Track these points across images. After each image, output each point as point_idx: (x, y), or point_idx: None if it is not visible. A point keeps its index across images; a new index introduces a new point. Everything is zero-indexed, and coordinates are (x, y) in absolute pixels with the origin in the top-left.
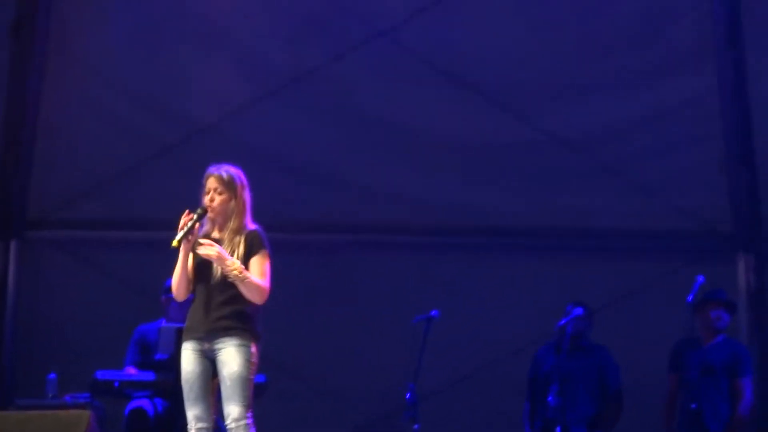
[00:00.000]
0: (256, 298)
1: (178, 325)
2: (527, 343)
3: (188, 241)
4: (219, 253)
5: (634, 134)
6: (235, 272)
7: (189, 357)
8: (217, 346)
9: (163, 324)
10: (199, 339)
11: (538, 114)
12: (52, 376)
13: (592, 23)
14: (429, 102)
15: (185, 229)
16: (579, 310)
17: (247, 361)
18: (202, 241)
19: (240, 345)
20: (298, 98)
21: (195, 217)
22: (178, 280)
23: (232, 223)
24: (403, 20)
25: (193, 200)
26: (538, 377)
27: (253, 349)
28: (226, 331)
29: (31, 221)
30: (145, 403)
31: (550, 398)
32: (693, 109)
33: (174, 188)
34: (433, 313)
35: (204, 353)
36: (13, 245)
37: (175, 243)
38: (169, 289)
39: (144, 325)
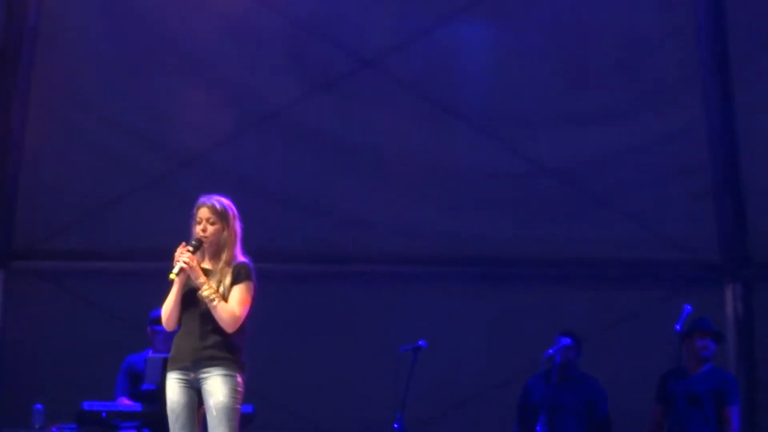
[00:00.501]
0: (227, 325)
1: (164, 356)
2: (515, 373)
3: (184, 272)
4: (195, 267)
5: (620, 164)
6: (207, 292)
7: (174, 387)
8: (202, 376)
9: (150, 354)
10: (184, 369)
11: (526, 143)
12: (39, 406)
13: (580, 53)
14: (415, 130)
15: (181, 261)
16: (567, 340)
17: (233, 390)
18: (181, 249)
19: (226, 375)
20: (282, 128)
21: (191, 249)
22: (170, 311)
23: (223, 254)
24: (389, 50)
25: (179, 230)
26: (527, 405)
27: (239, 378)
28: (212, 361)
29: (16, 252)
30: None
31: (538, 428)
32: (679, 138)
33: (159, 219)
34: (420, 342)
35: (189, 383)
36: None
37: (172, 275)
38: (155, 321)
39: (133, 355)
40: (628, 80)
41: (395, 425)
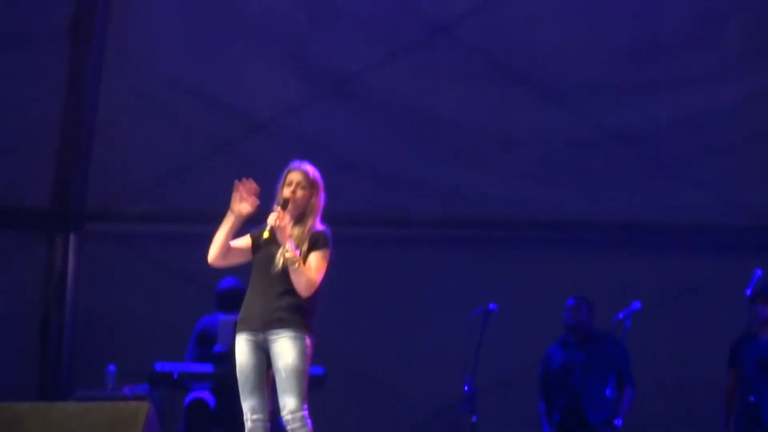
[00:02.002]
0: (303, 289)
1: (237, 318)
2: None
3: (281, 229)
4: (285, 226)
5: (691, 131)
6: (290, 254)
7: (243, 348)
8: (271, 338)
9: (222, 317)
10: (254, 330)
11: (597, 110)
12: (112, 368)
13: (651, 22)
14: (485, 98)
15: (271, 218)
16: (637, 304)
17: (302, 353)
18: (276, 216)
19: (295, 337)
20: (353, 96)
21: (280, 205)
22: (219, 245)
23: (305, 220)
24: (461, 16)
25: None
26: (550, 374)
27: (308, 341)
28: (281, 323)
29: (89, 215)
30: (205, 394)
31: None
32: (750, 105)
33: (229, 183)
34: (491, 306)
35: (258, 344)
36: (72, 238)
37: (266, 234)
38: (219, 296)
39: (206, 317)
40: (700, 48)
41: (465, 388)
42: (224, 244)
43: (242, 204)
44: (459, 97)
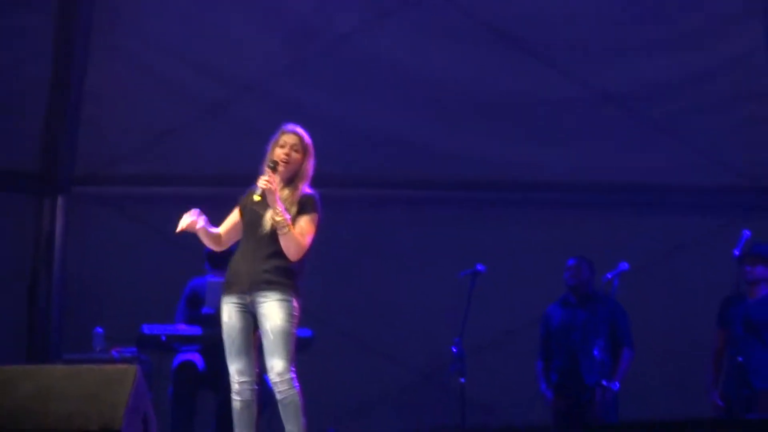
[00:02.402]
0: (292, 252)
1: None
2: None
3: (271, 192)
4: (275, 189)
5: (682, 91)
6: (281, 218)
7: (230, 311)
8: (259, 300)
9: (211, 278)
10: (241, 293)
11: (586, 71)
12: (99, 330)
13: None
14: (475, 59)
15: (262, 180)
16: (625, 265)
17: (290, 314)
18: (267, 178)
19: (282, 299)
20: (341, 57)
21: (270, 166)
22: (207, 241)
23: (295, 184)
24: None
25: (237, 157)
26: (550, 333)
27: (295, 303)
28: (269, 285)
29: (78, 178)
30: (194, 356)
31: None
32: (741, 66)
33: (218, 145)
34: (478, 267)
35: (245, 307)
36: (60, 201)
37: (257, 197)
38: (209, 255)
39: (195, 279)
40: (691, 8)
41: (453, 349)
42: (212, 240)
43: (191, 225)
44: (447, 58)
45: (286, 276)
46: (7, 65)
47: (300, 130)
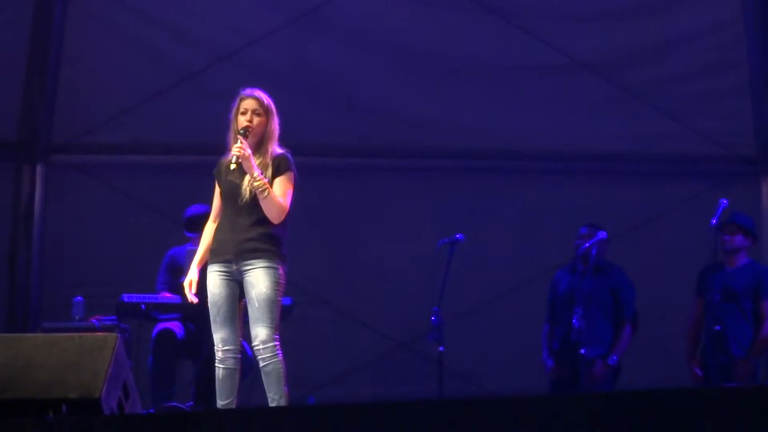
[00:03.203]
0: (274, 215)
1: None
2: (551, 267)
3: (246, 158)
4: (248, 155)
5: (658, 59)
6: (259, 182)
7: (216, 279)
8: (245, 268)
9: (191, 247)
10: (226, 261)
11: (562, 38)
12: (79, 299)
13: None
14: (451, 25)
15: (234, 148)
16: (603, 234)
17: (275, 282)
18: (239, 145)
19: (268, 267)
20: (319, 25)
21: (241, 133)
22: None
23: (264, 147)
24: None
25: (215, 125)
26: (556, 299)
27: (281, 270)
28: (254, 253)
29: (56, 146)
30: (173, 325)
31: (574, 321)
32: (717, 33)
33: (196, 113)
34: (458, 236)
35: (231, 275)
36: (39, 169)
37: (233, 165)
38: (188, 220)
39: (174, 248)
40: None
41: (432, 318)
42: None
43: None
44: (425, 25)
45: (271, 243)
46: None
47: (258, 92)
